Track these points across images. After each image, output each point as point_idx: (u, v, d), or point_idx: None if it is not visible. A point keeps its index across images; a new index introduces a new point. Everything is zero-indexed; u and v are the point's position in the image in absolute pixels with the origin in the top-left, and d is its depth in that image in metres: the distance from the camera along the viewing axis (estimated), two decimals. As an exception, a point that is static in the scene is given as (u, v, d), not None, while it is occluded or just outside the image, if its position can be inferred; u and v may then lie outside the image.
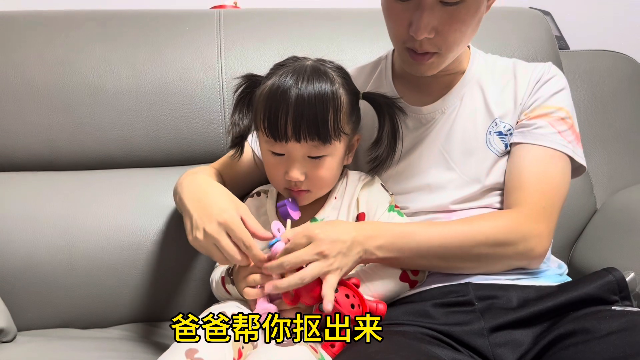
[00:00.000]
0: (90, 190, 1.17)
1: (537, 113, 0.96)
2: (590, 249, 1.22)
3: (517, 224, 0.88)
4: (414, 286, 0.90)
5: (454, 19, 0.86)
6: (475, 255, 0.87)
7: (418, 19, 0.85)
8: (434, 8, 0.85)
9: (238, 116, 0.96)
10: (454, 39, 0.88)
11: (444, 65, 0.94)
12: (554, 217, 0.91)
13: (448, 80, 1.00)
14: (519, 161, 0.94)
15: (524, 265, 0.91)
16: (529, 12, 1.42)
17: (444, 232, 0.87)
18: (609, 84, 1.41)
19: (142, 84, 1.22)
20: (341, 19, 1.34)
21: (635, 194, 1.24)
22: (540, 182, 0.91)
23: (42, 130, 1.20)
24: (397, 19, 0.89)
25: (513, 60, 1.04)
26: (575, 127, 0.97)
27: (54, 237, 1.11)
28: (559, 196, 0.92)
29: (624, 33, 1.70)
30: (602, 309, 0.80)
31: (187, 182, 0.94)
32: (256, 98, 0.91)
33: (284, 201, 0.90)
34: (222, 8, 1.42)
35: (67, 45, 1.23)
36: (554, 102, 0.96)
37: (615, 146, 1.36)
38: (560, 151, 0.94)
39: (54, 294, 1.10)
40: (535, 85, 0.98)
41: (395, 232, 0.86)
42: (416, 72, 0.94)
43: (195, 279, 1.11)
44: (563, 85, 0.99)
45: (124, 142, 1.22)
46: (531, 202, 0.90)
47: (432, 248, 0.86)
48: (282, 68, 0.91)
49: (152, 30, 1.26)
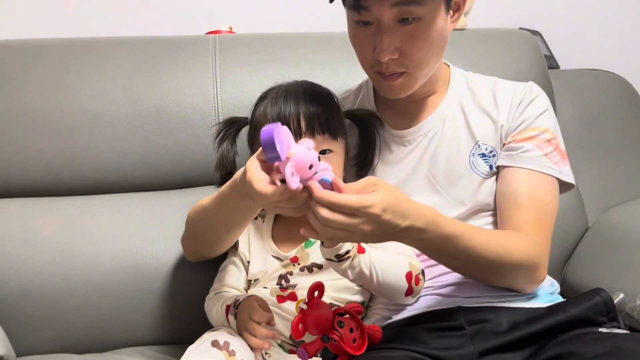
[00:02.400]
0: (88, 215, 1.19)
1: (524, 136, 0.97)
2: (583, 267, 1.24)
3: (538, 251, 0.90)
4: (409, 294, 0.90)
5: (415, 37, 0.88)
6: (499, 270, 0.87)
7: (380, 42, 0.88)
8: (392, 29, 0.87)
9: (226, 147, 1.00)
10: (419, 57, 0.90)
11: (417, 85, 0.95)
12: (550, 242, 0.93)
13: (429, 103, 1.02)
14: (511, 185, 0.95)
15: (522, 289, 0.92)
16: (518, 33, 1.44)
17: (485, 244, 0.85)
18: (598, 103, 1.43)
19: (139, 109, 1.24)
20: (334, 43, 1.36)
21: (626, 212, 1.26)
22: (538, 208, 0.93)
23: (41, 156, 1.22)
24: (361, 44, 0.92)
25: (494, 79, 1.05)
26: (560, 146, 0.99)
27: (52, 262, 1.13)
28: (553, 221, 0.95)
29: (613, 52, 1.72)
30: (589, 331, 0.81)
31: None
32: (256, 117, 0.97)
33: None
34: (218, 33, 1.44)
35: (65, 72, 1.25)
36: (539, 123, 0.98)
37: (605, 164, 1.38)
38: (548, 174, 0.96)
39: (52, 319, 1.11)
40: (518, 107, 0.99)
41: (446, 233, 0.81)
42: (390, 94, 0.95)
43: (192, 303, 1.12)
44: (547, 106, 1.01)
45: (121, 167, 1.24)
46: (533, 227, 0.91)
47: (469, 257, 0.84)
48: (274, 89, 0.97)
49: (148, 56, 1.29)
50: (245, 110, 1.15)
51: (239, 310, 0.91)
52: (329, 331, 0.79)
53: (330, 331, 0.79)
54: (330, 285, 0.93)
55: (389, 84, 0.93)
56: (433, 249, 0.84)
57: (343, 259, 0.82)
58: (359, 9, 0.87)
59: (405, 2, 0.85)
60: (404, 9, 0.86)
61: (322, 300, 0.81)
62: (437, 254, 0.86)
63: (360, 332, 0.83)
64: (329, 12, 1.49)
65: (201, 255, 1.05)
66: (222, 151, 1.01)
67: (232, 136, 1.03)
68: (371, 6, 0.86)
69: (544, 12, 1.70)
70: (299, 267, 0.95)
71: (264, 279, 0.97)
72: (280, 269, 0.96)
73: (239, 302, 0.92)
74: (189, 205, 1.19)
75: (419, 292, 0.92)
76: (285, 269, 0.95)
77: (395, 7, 0.85)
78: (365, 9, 0.87)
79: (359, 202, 0.71)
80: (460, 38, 0.98)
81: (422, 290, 0.93)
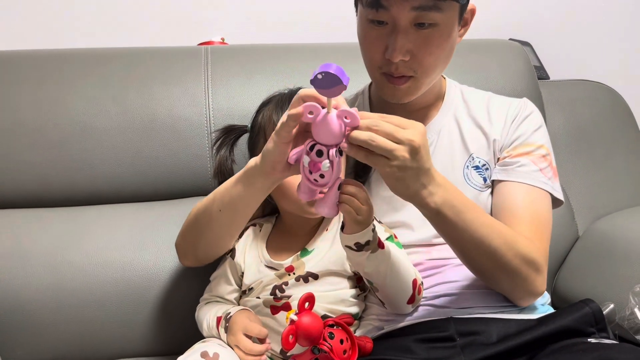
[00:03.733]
0: (79, 226, 1.19)
1: (519, 151, 0.98)
2: (573, 277, 1.24)
3: (540, 255, 0.90)
4: (411, 302, 0.90)
5: (428, 43, 0.89)
6: (505, 259, 0.86)
7: (393, 42, 0.88)
8: (408, 31, 0.88)
9: (224, 154, 1.00)
10: (429, 63, 0.91)
11: (420, 92, 0.96)
12: (548, 255, 0.93)
13: (425, 114, 1.02)
14: (508, 199, 0.96)
15: (520, 297, 0.92)
16: (508, 44, 1.45)
17: (494, 224, 0.86)
18: (588, 113, 1.44)
19: (131, 120, 1.24)
20: (327, 55, 1.36)
21: (615, 221, 1.27)
22: (537, 221, 0.94)
23: (32, 167, 1.22)
24: (373, 44, 0.92)
25: (488, 94, 1.06)
26: (552, 163, 1.00)
27: (43, 274, 1.12)
28: (549, 235, 0.96)
29: (603, 63, 1.74)
30: (578, 342, 0.81)
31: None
32: (260, 123, 0.99)
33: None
34: (210, 44, 1.45)
35: (57, 83, 1.25)
36: (535, 139, 0.99)
37: (595, 174, 1.39)
38: (543, 189, 0.97)
39: (42, 331, 1.11)
40: (512, 122, 1.00)
41: (463, 199, 0.83)
42: (393, 98, 0.95)
43: (184, 315, 1.11)
44: (541, 122, 1.02)
45: (113, 178, 1.24)
46: (533, 239, 0.92)
47: (479, 236, 0.84)
48: (277, 95, 0.99)
49: (140, 67, 1.29)
50: (237, 121, 1.16)
51: (230, 323, 0.91)
52: (319, 342, 0.79)
53: (321, 342, 0.80)
54: (326, 296, 0.93)
55: (394, 87, 0.93)
56: (453, 214, 0.82)
57: (363, 248, 0.82)
58: (377, 7, 0.87)
59: (426, 7, 0.86)
60: (423, 14, 0.87)
61: (313, 312, 0.81)
62: (451, 224, 0.83)
63: (351, 343, 0.83)
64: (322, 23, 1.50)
65: (200, 254, 1.01)
66: (220, 158, 1.02)
67: (230, 143, 1.03)
68: (391, 6, 0.86)
69: (534, 23, 1.71)
70: (294, 277, 0.94)
71: (257, 288, 0.96)
72: (275, 280, 0.95)
73: (229, 315, 0.92)
74: (181, 216, 1.19)
75: (418, 302, 0.93)
76: (281, 279, 0.95)
77: (415, 11, 0.86)
78: (385, 8, 0.87)
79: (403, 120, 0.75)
80: (450, 49, 1.00)
81: (420, 301, 0.93)
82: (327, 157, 0.72)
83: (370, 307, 0.98)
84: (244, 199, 0.87)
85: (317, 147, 0.73)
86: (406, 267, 0.89)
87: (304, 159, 0.74)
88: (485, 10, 1.65)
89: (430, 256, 0.97)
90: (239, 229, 0.96)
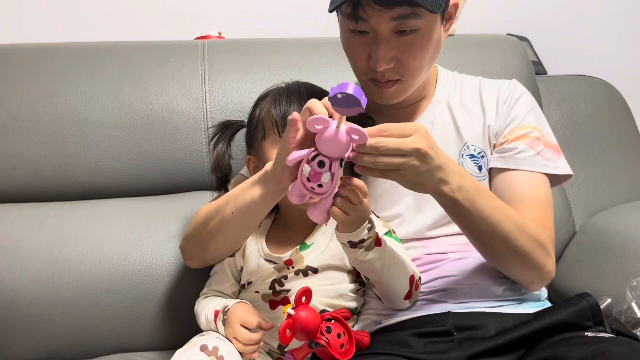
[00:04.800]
0: (76, 221, 1.18)
1: (515, 135, 0.99)
2: (570, 271, 1.24)
3: (549, 239, 0.91)
4: (408, 298, 0.91)
5: (411, 48, 0.89)
6: (515, 245, 0.86)
7: (376, 52, 0.88)
8: (389, 39, 0.88)
9: (222, 149, 1.00)
10: (415, 67, 0.91)
11: (409, 92, 0.96)
12: (554, 239, 0.94)
13: (418, 106, 1.03)
14: (510, 188, 0.96)
15: (531, 282, 0.92)
16: (506, 39, 1.45)
17: (506, 208, 0.88)
18: (585, 109, 1.45)
19: (127, 115, 1.24)
20: (324, 49, 1.36)
21: (612, 216, 1.27)
22: (540, 207, 0.94)
23: (28, 162, 1.21)
24: (356, 52, 0.92)
25: (479, 79, 1.06)
26: (550, 141, 1.00)
27: (38, 269, 1.12)
28: (552, 217, 0.96)
29: (600, 58, 1.74)
30: (574, 335, 0.81)
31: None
32: (258, 117, 0.98)
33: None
34: (207, 38, 1.44)
35: (53, 77, 1.25)
36: (528, 121, 1.00)
37: (592, 169, 1.39)
38: (542, 172, 0.97)
39: (39, 325, 1.10)
40: (504, 105, 1.00)
41: (477, 184, 0.85)
42: (381, 100, 0.96)
43: (181, 309, 1.11)
44: (532, 104, 1.02)
45: (109, 172, 1.23)
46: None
47: (491, 217, 0.85)
48: (274, 89, 0.99)
49: (136, 61, 1.28)
50: (234, 115, 1.16)
51: (227, 315, 0.90)
52: (316, 337, 0.79)
53: (318, 336, 0.79)
54: (325, 291, 0.93)
55: (381, 91, 0.94)
56: (470, 202, 0.83)
57: (356, 245, 0.82)
58: (356, 19, 0.88)
59: (405, 16, 0.86)
60: (403, 22, 0.87)
61: (310, 306, 0.81)
62: (469, 213, 0.84)
63: (348, 338, 0.83)
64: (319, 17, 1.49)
65: (209, 257, 1.01)
66: (218, 153, 1.01)
67: (227, 139, 1.02)
68: (369, 18, 0.87)
69: (532, 19, 1.71)
70: (293, 271, 0.94)
71: (256, 282, 0.96)
72: (274, 273, 0.95)
73: (227, 308, 0.92)
74: (178, 210, 1.20)
75: (416, 297, 0.93)
76: (280, 273, 0.95)
77: (394, 20, 0.86)
78: (363, 19, 0.87)
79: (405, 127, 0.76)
80: (448, 44, 0.99)
81: (418, 296, 0.93)
82: (328, 169, 0.73)
83: (369, 302, 0.98)
84: (258, 203, 0.87)
85: (319, 157, 0.73)
86: (404, 264, 0.89)
87: (305, 167, 0.74)
88: (483, 6, 1.66)
89: (428, 250, 0.97)
90: (251, 231, 0.97)
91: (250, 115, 1.02)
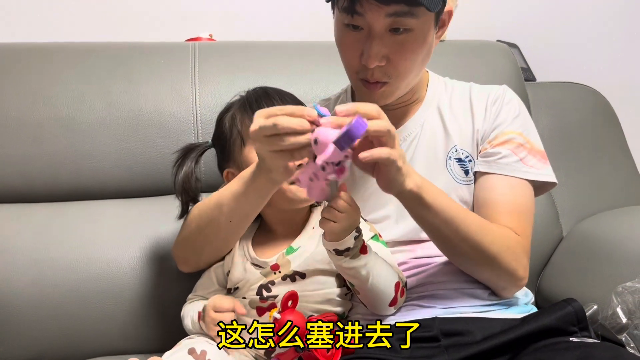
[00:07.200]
0: (64, 221, 1.18)
1: (499, 140, 0.99)
2: (557, 277, 1.25)
3: (519, 245, 0.92)
4: (393, 304, 0.91)
5: (403, 48, 0.89)
6: (480, 247, 0.88)
7: (369, 48, 0.89)
8: (383, 37, 0.88)
9: (189, 168, 0.99)
10: (404, 68, 0.91)
11: (397, 94, 0.96)
12: (529, 245, 0.95)
13: (408, 109, 1.03)
14: (490, 192, 0.97)
15: (502, 287, 0.93)
16: (495, 45, 1.46)
17: (474, 217, 0.90)
18: (574, 116, 1.46)
19: (116, 116, 1.23)
20: (314, 52, 1.37)
21: (599, 222, 1.28)
22: (518, 213, 0.95)
23: (16, 162, 1.20)
24: (349, 48, 0.93)
25: (469, 84, 1.07)
26: (535, 148, 1.00)
27: (25, 270, 1.11)
28: (531, 224, 0.96)
29: (589, 65, 1.76)
30: (559, 340, 0.82)
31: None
32: (229, 129, 0.97)
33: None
34: (197, 40, 1.44)
35: (41, 77, 1.24)
36: (514, 127, 1.00)
37: (580, 176, 1.40)
38: (523, 179, 0.97)
39: (25, 327, 1.09)
40: (492, 109, 1.01)
41: (437, 188, 0.87)
42: (371, 102, 0.96)
43: (168, 312, 1.11)
44: (519, 109, 1.03)
45: (97, 173, 1.23)
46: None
47: (454, 217, 0.86)
48: (235, 101, 1.00)
49: (126, 62, 1.28)
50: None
51: (204, 309, 0.91)
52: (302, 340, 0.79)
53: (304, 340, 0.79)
54: (312, 296, 0.93)
55: (370, 92, 0.94)
56: (431, 198, 0.84)
57: (342, 253, 0.83)
58: (352, 13, 0.88)
59: (401, 13, 0.86)
60: (398, 20, 0.87)
61: (296, 310, 0.81)
62: (429, 209, 0.85)
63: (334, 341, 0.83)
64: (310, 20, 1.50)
65: (203, 261, 1.01)
66: (184, 175, 0.99)
67: (194, 160, 1.01)
68: (366, 12, 0.87)
69: (522, 25, 1.73)
70: (280, 276, 0.94)
71: (244, 288, 0.96)
72: (261, 278, 0.95)
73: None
74: (166, 212, 1.19)
75: (401, 304, 0.93)
76: (267, 278, 0.94)
77: (390, 17, 0.87)
78: (360, 14, 0.87)
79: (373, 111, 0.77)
80: (438, 49, 1.00)
81: (403, 303, 0.94)
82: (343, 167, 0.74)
83: (356, 306, 0.98)
84: (255, 208, 0.90)
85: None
86: (389, 270, 0.89)
87: (330, 147, 0.72)
88: (472, 12, 1.67)
89: (415, 254, 0.98)
90: (244, 231, 0.97)
91: (217, 132, 1.01)
